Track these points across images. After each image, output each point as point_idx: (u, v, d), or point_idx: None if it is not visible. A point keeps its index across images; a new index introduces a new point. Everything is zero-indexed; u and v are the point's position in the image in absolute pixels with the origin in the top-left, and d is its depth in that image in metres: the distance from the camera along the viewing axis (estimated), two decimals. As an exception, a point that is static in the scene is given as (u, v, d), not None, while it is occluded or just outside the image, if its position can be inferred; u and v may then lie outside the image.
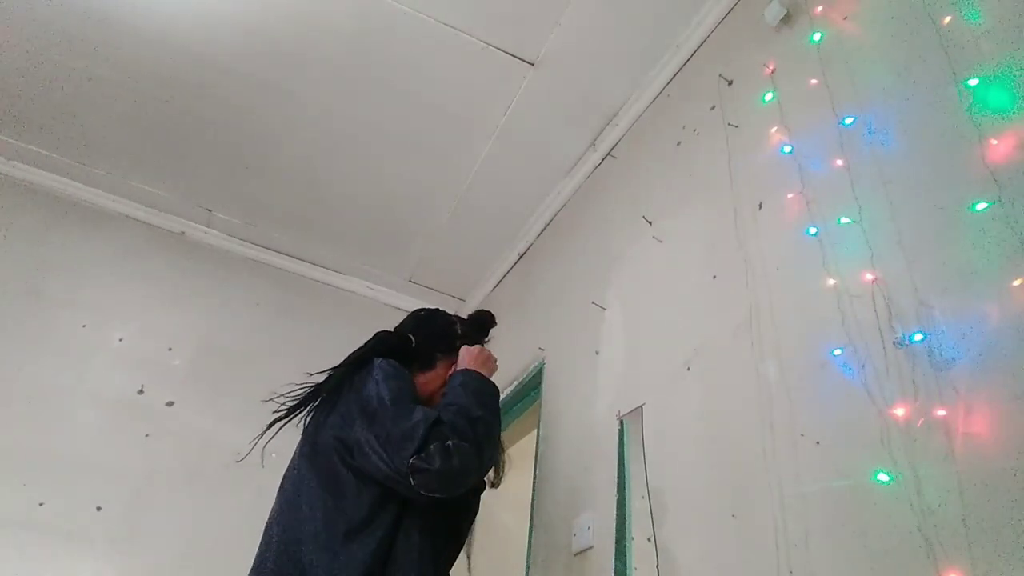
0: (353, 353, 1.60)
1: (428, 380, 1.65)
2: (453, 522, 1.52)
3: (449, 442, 1.33)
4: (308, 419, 1.56)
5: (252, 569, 1.39)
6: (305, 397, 1.56)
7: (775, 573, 1.24)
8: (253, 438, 1.55)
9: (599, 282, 2.26)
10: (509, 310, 2.96)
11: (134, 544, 2.46)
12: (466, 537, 1.59)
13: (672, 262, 1.92)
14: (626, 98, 2.41)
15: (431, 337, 1.70)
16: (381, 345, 1.63)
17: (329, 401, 1.52)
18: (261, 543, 1.42)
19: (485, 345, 1.80)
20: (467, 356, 1.65)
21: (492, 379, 1.62)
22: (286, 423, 1.56)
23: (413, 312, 1.82)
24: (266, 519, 1.46)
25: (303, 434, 1.55)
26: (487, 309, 1.90)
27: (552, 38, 2.26)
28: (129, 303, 2.86)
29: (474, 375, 1.57)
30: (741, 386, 1.49)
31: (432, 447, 1.31)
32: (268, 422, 1.56)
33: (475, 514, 1.63)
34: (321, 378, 1.58)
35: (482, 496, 1.63)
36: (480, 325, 1.84)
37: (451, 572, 1.53)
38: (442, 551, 1.47)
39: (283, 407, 1.55)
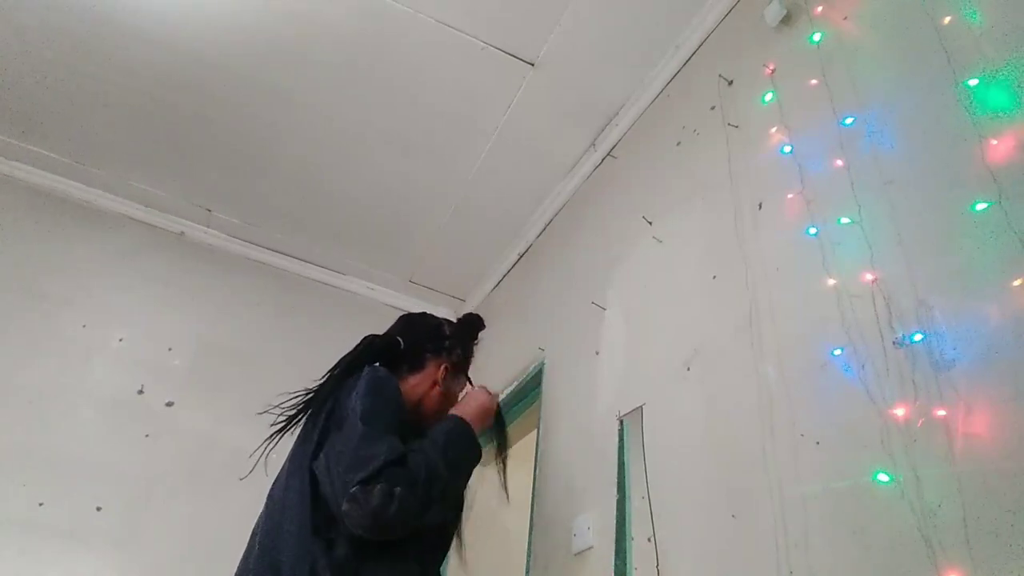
0: (343, 358, 1.61)
1: (418, 382, 1.66)
2: (442, 520, 1.52)
3: (397, 488, 1.26)
4: (300, 427, 1.57)
5: (236, 574, 1.40)
6: (300, 406, 1.57)
7: (775, 573, 1.24)
8: (254, 450, 1.55)
9: (599, 282, 2.26)
10: (509, 310, 2.96)
11: (134, 544, 2.46)
12: (454, 532, 1.58)
13: (672, 262, 1.91)
14: (626, 98, 2.41)
15: (419, 338, 1.71)
16: (370, 349, 1.63)
17: (320, 408, 1.52)
18: (246, 548, 1.43)
19: (475, 347, 1.81)
20: (472, 402, 1.64)
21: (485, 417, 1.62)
22: (283, 434, 1.57)
23: (401, 316, 1.83)
24: None
25: (295, 442, 1.55)
26: (478, 313, 1.91)
27: (552, 38, 2.26)
28: (129, 303, 2.86)
29: (467, 431, 1.53)
30: (741, 386, 1.48)
31: (378, 487, 1.24)
32: (267, 431, 1.57)
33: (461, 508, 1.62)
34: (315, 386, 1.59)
35: (479, 496, 1.63)
36: (469, 328, 1.84)
37: (450, 574, 1.53)
38: (428, 548, 1.47)
39: (281, 417, 1.56)
